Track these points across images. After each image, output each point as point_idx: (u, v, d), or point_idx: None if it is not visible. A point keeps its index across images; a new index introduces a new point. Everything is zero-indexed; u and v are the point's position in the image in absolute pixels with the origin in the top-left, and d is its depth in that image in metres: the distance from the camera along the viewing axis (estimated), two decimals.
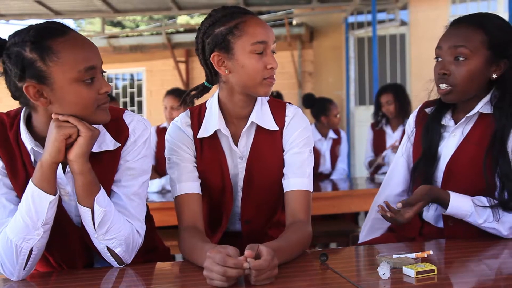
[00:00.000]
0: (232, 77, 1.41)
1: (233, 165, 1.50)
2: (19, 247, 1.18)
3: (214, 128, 1.45)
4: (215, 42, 1.38)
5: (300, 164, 1.45)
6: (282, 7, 6.72)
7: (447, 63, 1.43)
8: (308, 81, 7.49)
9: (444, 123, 1.54)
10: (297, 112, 1.50)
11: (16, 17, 6.56)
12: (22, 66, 1.14)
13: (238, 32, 1.36)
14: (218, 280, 1.05)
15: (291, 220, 1.40)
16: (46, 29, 1.17)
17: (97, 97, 1.20)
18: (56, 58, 1.14)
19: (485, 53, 1.40)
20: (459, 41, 1.41)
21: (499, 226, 1.37)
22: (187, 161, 1.46)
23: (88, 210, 1.22)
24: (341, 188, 3.35)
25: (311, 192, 1.45)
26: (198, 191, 1.45)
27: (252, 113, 1.46)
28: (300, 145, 1.46)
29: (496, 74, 1.43)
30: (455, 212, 1.39)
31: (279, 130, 1.47)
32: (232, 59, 1.38)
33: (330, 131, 4.03)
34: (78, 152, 1.19)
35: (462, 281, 1.09)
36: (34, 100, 1.17)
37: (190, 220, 1.41)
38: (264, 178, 1.48)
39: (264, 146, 1.48)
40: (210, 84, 1.52)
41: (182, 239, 1.38)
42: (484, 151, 1.42)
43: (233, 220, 1.56)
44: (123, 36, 8.32)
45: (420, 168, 1.54)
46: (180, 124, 1.49)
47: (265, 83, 1.39)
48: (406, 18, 6.74)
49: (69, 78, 1.16)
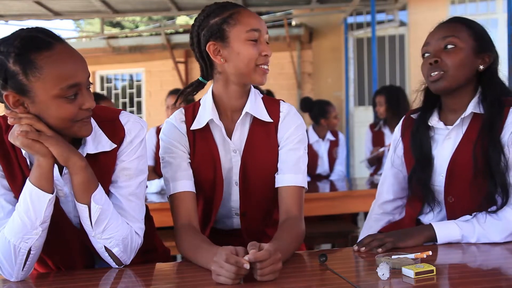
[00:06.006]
0: (227, 66, 1.43)
1: (226, 159, 1.50)
2: (18, 247, 1.18)
3: (207, 119, 1.46)
4: (211, 32, 1.42)
5: (296, 160, 1.46)
6: (281, 7, 6.73)
7: (438, 52, 1.47)
8: (307, 82, 7.49)
9: (432, 125, 1.54)
10: (291, 109, 1.52)
11: (15, 18, 6.55)
12: (4, 77, 1.13)
13: (233, 21, 1.40)
14: (225, 276, 1.07)
15: (285, 217, 1.42)
16: (32, 41, 1.14)
17: (78, 112, 1.19)
18: (39, 74, 1.12)
19: (472, 43, 1.46)
20: (447, 32, 1.47)
21: (492, 236, 1.37)
22: (180, 158, 1.47)
23: (85, 207, 1.22)
24: (340, 188, 3.35)
25: (304, 189, 1.48)
26: (192, 189, 1.46)
27: (247, 104, 1.48)
28: (295, 141, 1.47)
29: (483, 66, 1.48)
30: (447, 240, 1.39)
31: (274, 123, 1.49)
32: (228, 47, 1.41)
33: (328, 132, 4.04)
34: (56, 154, 1.18)
35: (461, 281, 1.09)
36: (13, 108, 1.16)
37: (186, 218, 1.42)
38: (260, 171, 1.49)
39: (259, 138, 1.48)
40: (205, 80, 1.54)
41: (181, 238, 1.38)
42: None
43: (229, 215, 1.56)
44: (122, 37, 8.30)
45: (417, 175, 1.54)
46: (174, 121, 1.51)
47: (260, 70, 1.42)
48: (405, 19, 6.74)
49: (51, 94, 1.14)
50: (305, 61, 7.52)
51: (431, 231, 1.40)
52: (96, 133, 1.30)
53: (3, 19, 6.55)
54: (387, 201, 1.68)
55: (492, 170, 1.40)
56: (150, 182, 2.96)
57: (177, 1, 6.13)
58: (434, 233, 1.40)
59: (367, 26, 6.75)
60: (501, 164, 1.40)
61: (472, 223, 1.39)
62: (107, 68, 8.34)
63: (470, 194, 1.44)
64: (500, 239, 1.37)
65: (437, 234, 1.39)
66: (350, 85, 6.88)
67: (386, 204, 1.69)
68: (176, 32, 8.14)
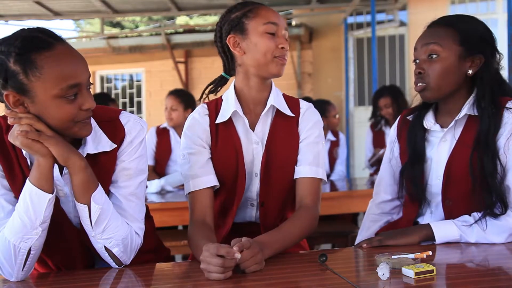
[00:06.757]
0: (246, 58, 1.49)
1: (249, 151, 1.53)
2: (17, 247, 1.18)
3: (231, 111, 1.51)
4: (231, 26, 1.49)
5: (316, 153, 1.53)
6: (281, 8, 6.73)
7: (422, 62, 1.48)
8: (307, 82, 7.49)
9: (428, 127, 1.54)
10: (310, 106, 1.59)
11: (15, 18, 6.56)
12: (5, 76, 1.13)
13: (252, 14, 1.48)
14: (215, 272, 1.11)
15: (298, 206, 1.49)
16: (33, 40, 1.14)
17: (78, 112, 1.19)
18: (39, 73, 1.13)
19: (457, 49, 1.44)
20: (431, 39, 1.47)
21: (490, 237, 1.37)
22: (200, 155, 1.51)
23: (85, 207, 1.22)
24: (340, 188, 3.35)
25: (322, 181, 1.54)
26: (210, 185, 1.50)
27: (270, 97, 1.53)
28: (315, 135, 1.54)
29: (472, 70, 1.46)
30: (445, 240, 1.40)
31: (295, 118, 1.55)
32: (246, 39, 1.47)
33: (328, 133, 4.03)
34: (56, 154, 1.18)
35: (461, 281, 1.09)
36: (13, 108, 1.16)
37: (200, 214, 1.47)
38: (281, 163, 1.53)
39: (281, 131, 1.54)
40: (227, 75, 1.59)
41: (190, 234, 1.44)
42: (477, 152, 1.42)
43: (244, 206, 1.58)
44: (122, 37, 8.30)
45: (408, 172, 1.55)
46: (198, 115, 1.56)
47: (277, 61, 1.47)
48: (405, 19, 6.74)
49: (51, 94, 1.14)
50: (305, 61, 7.52)
51: (429, 230, 1.40)
52: (97, 133, 1.30)
53: (3, 19, 6.55)
54: (385, 201, 1.68)
55: (488, 184, 1.39)
56: (150, 182, 2.96)
57: (177, 1, 6.13)
58: (431, 232, 1.40)
59: (367, 26, 6.75)
60: (497, 177, 1.39)
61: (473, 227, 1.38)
62: (107, 68, 8.34)
63: (468, 199, 1.43)
64: (499, 240, 1.37)
65: (435, 233, 1.39)
66: (350, 85, 6.88)
67: (384, 204, 1.69)
68: (176, 32, 8.14)
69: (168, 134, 3.64)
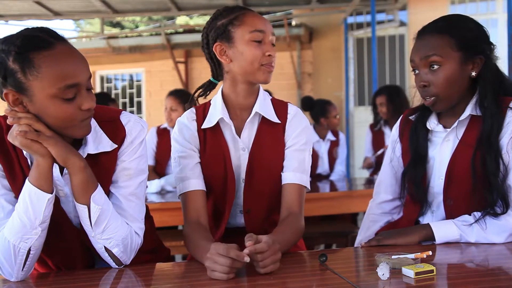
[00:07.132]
0: (233, 66, 1.48)
1: (236, 157, 1.53)
2: (17, 247, 1.18)
3: (217, 117, 1.51)
4: (217, 33, 1.48)
5: (301, 160, 1.52)
6: (281, 7, 6.73)
7: (424, 75, 1.45)
8: (307, 82, 7.48)
9: (431, 128, 1.54)
10: (298, 111, 1.57)
11: (15, 18, 6.56)
12: (4, 74, 1.14)
13: (238, 22, 1.46)
14: (220, 271, 1.10)
15: (286, 213, 1.47)
16: (32, 40, 1.14)
17: (77, 113, 1.18)
18: (37, 72, 1.13)
19: (456, 55, 1.42)
20: (428, 50, 1.43)
21: (491, 237, 1.37)
22: (191, 158, 1.51)
23: (84, 207, 1.22)
24: (340, 188, 3.35)
25: (306, 189, 1.53)
26: (202, 188, 1.50)
27: (256, 104, 1.52)
28: (301, 143, 1.52)
29: (475, 72, 1.44)
30: (445, 240, 1.40)
31: (282, 124, 1.54)
32: (233, 47, 1.46)
33: (328, 133, 4.03)
34: (54, 154, 1.17)
35: (461, 281, 1.09)
36: (12, 107, 1.17)
37: (194, 216, 1.47)
38: (266, 169, 1.52)
39: (267, 137, 1.53)
40: (216, 80, 1.59)
41: (186, 235, 1.44)
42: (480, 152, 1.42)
43: (234, 212, 1.58)
44: (122, 37, 8.30)
45: (410, 173, 1.54)
46: (186, 119, 1.56)
47: (264, 69, 1.47)
48: (405, 19, 6.74)
49: (48, 94, 1.14)
50: (305, 61, 7.52)
51: (428, 230, 1.40)
52: (97, 133, 1.30)
53: (3, 19, 6.55)
54: (386, 201, 1.68)
55: (490, 183, 1.39)
56: (150, 182, 2.96)
57: (177, 1, 6.13)
58: (431, 232, 1.40)
59: (367, 26, 6.75)
60: (499, 176, 1.39)
61: (473, 226, 1.39)
62: (107, 68, 8.34)
63: (470, 199, 1.43)
64: (499, 240, 1.37)
65: (435, 233, 1.39)
66: (350, 85, 6.88)
67: (384, 204, 1.68)
68: (176, 32, 8.13)
69: (168, 134, 3.64)
